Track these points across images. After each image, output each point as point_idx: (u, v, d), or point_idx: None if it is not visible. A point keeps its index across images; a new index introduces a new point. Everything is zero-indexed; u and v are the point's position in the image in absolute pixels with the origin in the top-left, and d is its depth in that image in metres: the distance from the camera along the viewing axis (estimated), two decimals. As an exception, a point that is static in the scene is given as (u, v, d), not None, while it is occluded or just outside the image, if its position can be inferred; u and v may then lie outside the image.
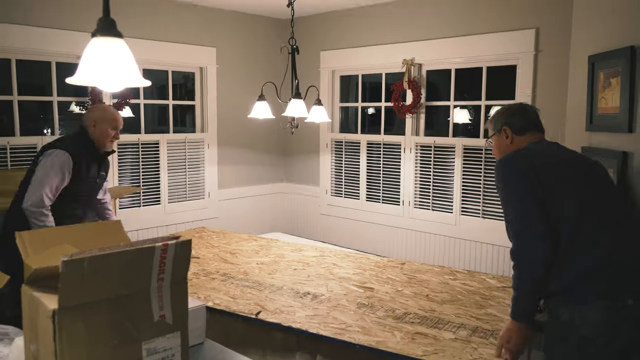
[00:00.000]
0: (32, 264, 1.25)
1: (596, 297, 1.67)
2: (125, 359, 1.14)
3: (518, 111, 2.02)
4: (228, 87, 4.93)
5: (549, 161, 1.82)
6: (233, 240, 3.68)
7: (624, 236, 1.74)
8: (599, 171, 1.86)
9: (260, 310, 2.38)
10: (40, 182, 2.56)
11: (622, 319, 1.65)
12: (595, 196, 1.78)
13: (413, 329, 2.18)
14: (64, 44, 3.77)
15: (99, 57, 1.14)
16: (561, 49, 3.47)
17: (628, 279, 1.66)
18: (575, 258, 1.71)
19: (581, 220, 1.72)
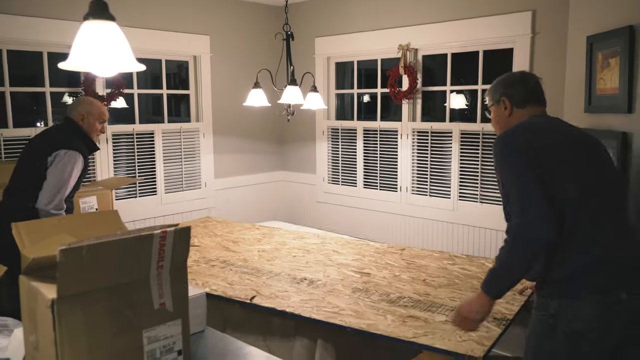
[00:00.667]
0: (29, 254, 1.24)
1: (590, 292, 1.63)
2: (125, 347, 1.13)
3: (519, 81, 1.88)
4: (222, 76, 4.89)
5: (550, 142, 1.71)
6: (236, 229, 3.70)
7: (621, 227, 1.69)
8: (601, 152, 1.78)
9: (254, 295, 2.39)
10: (62, 185, 2.61)
11: (616, 314, 1.62)
12: (596, 180, 1.70)
13: (406, 312, 2.18)
14: (55, 33, 3.72)
15: (92, 41, 1.11)
16: (558, 30, 3.45)
17: (623, 274, 1.63)
18: (569, 251, 1.65)
19: (579, 210, 1.64)
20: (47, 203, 2.58)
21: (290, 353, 2.28)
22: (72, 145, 2.67)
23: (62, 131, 2.79)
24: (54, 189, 2.60)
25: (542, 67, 3.60)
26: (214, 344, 1.58)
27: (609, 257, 1.63)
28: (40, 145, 2.74)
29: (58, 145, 2.66)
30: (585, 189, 1.66)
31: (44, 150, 2.66)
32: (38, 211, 2.59)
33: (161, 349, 1.20)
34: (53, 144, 2.67)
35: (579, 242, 1.64)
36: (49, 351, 1.07)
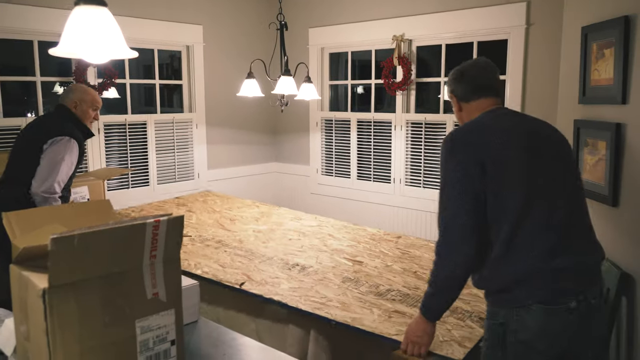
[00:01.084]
0: (19, 244, 1.22)
1: (535, 301, 1.56)
2: (118, 336, 1.12)
3: (460, 75, 1.78)
4: (215, 66, 4.85)
5: (496, 147, 1.60)
6: (235, 206, 3.72)
7: (572, 232, 1.61)
8: (558, 151, 1.68)
9: (244, 281, 2.40)
10: (53, 170, 2.61)
11: (565, 323, 1.57)
12: (546, 184, 1.61)
13: (392, 306, 2.18)
14: (46, 21, 3.67)
15: (83, 27, 1.09)
16: (553, 21, 3.44)
17: (571, 281, 1.57)
18: (513, 260, 1.59)
19: (524, 217, 1.57)
20: (38, 186, 2.59)
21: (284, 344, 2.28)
22: (66, 131, 2.68)
23: (56, 118, 2.79)
24: (45, 173, 2.60)
25: (536, 58, 3.60)
26: (208, 334, 1.57)
27: (554, 265, 1.56)
28: (34, 134, 2.73)
29: (53, 132, 2.66)
30: (531, 195, 1.58)
31: (39, 138, 2.66)
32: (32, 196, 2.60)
33: (154, 339, 1.19)
34: (48, 131, 2.67)
35: (521, 250, 1.58)
36: (40, 341, 1.05)
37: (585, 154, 2.41)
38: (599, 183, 2.28)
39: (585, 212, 1.70)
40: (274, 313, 2.32)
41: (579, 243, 1.62)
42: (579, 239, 1.63)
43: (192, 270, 2.56)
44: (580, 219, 1.66)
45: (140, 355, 1.16)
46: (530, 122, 1.72)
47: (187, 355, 1.37)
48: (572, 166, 1.72)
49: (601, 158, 2.26)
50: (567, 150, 1.72)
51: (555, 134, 1.73)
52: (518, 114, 1.79)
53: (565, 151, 1.71)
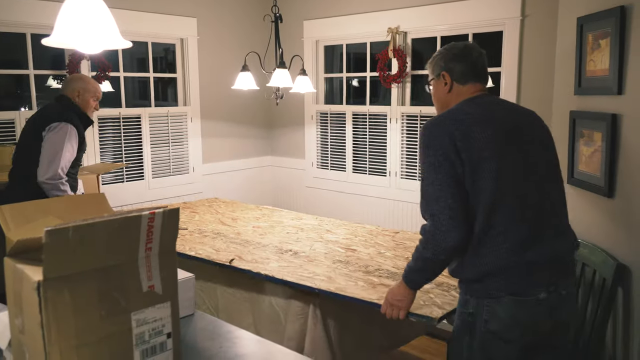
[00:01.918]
0: (14, 237, 1.21)
1: (506, 293, 1.58)
2: (114, 329, 1.11)
3: (461, 54, 1.75)
4: (210, 59, 4.82)
5: (477, 135, 1.59)
6: (239, 209, 3.75)
7: (543, 226, 1.61)
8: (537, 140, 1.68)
9: (234, 258, 2.43)
10: (55, 156, 2.64)
11: (534, 314, 1.59)
12: (521, 179, 1.60)
13: (378, 281, 2.21)
14: (39, 14, 3.64)
15: (76, 17, 1.08)
16: (548, 12, 3.43)
17: (541, 273, 1.59)
18: (486, 251, 1.59)
19: (496, 208, 1.57)
20: (43, 174, 2.62)
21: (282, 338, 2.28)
22: (64, 117, 2.72)
23: (55, 107, 2.83)
24: (47, 159, 2.64)
25: (532, 49, 3.59)
26: (204, 327, 1.57)
27: (527, 257, 1.57)
28: (35, 125, 2.77)
29: (51, 119, 2.70)
30: (507, 185, 1.58)
31: (39, 126, 2.71)
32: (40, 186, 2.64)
33: (150, 332, 1.19)
34: (47, 118, 2.72)
35: (493, 241, 1.58)
36: (35, 334, 1.05)
37: (581, 145, 2.41)
38: (594, 174, 2.29)
39: (562, 202, 1.70)
40: (272, 306, 2.33)
41: (552, 234, 1.63)
42: (553, 229, 1.64)
43: (187, 252, 2.56)
44: (555, 209, 1.67)
45: (136, 348, 1.16)
46: (511, 111, 1.72)
47: (184, 348, 1.37)
48: (551, 155, 1.72)
49: (597, 149, 2.26)
50: (548, 139, 1.72)
51: (536, 122, 1.73)
52: (501, 102, 1.77)
53: (545, 139, 1.71)
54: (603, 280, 2.14)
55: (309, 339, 2.19)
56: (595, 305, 2.19)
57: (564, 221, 1.70)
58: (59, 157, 2.65)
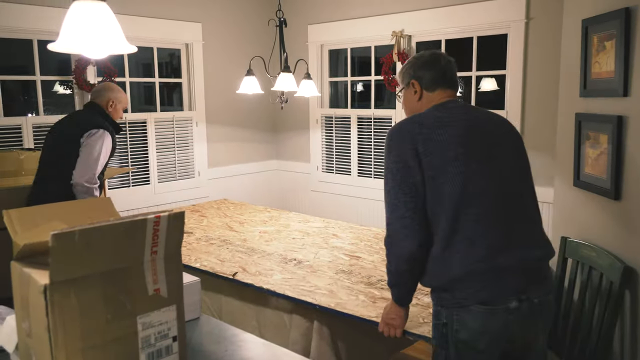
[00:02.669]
0: (20, 241, 1.22)
1: (474, 301, 1.53)
2: (120, 333, 1.12)
3: (429, 62, 1.75)
4: (215, 64, 4.84)
5: (441, 139, 1.57)
6: (247, 211, 3.77)
7: (514, 231, 1.57)
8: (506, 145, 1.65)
9: (237, 272, 2.44)
10: (93, 161, 2.76)
11: (505, 323, 1.54)
12: (491, 179, 1.57)
13: (380, 294, 2.20)
14: (46, 20, 3.67)
15: (82, 22, 1.08)
16: (553, 15, 3.43)
17: (510, 281, 1.53)
18: (453, 258, 1.55)
19: (463, 212, 1.53)
20: (81, 177, 2.73)
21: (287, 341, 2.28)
22: (102, 124, 2.84)
23: (89, 113, 2.93)
24: (85, 164, 2.76)
25: (536, 52, 3.59)
26: (209, 330, 1.57)
27: (496, 263, 1.52)
28: (70, 129, 2.87)
29: (89, 125, 2.81)
30: (474, 189, 1.54)
31: (76, 132, 2.80)
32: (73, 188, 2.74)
33: (156, 335, 1.19)
34: (84, 125, 2.82)
35: (459, 247, 1.54)
36: (42, 338, 1.05)
37: (587, 148, 2.40)
38: (601, 177, 2.28)
39: (533, 207, 1.66)
40: (277, 310, 2.33)
41: (523, 240, 1.58)
42: (524, 236, 1.59)
43: (192, 264, 2.58)
44: (526, 214, 1.62)
45: (142, 351, 1.16)
46: (481, 115, 1.70)
47: (189, 351, 1.37)
48: (522, 161, 1.69)
49: (603, 151, 2.25)
50: (519, 145, 1.70)
51: (504, 127, 1.70)
52: (471, 108, 1.77)
53: (516, 145, 1.68)
54: (610, 284, 2.12)
55: (315, 343, 2.19)
56: (602, 309, 2.17)
57: (537, 228, 1.65)
58: (96, 162, 2.78)
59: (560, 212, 2.75)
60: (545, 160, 3.55)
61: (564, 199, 2.70)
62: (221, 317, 2.51)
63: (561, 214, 2.74)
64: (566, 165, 2.62)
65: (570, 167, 2.54)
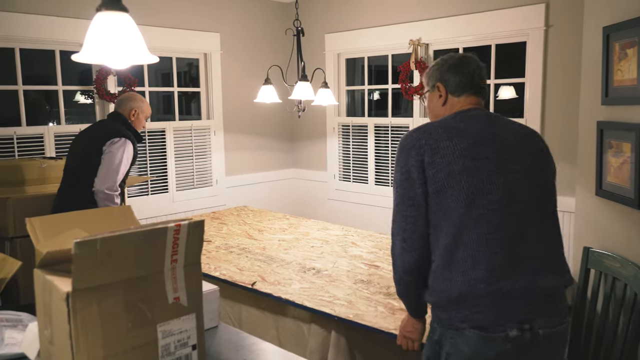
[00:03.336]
0: (43, 249, 1.23)
1: (470, 325, 1.43)
2: (140, 341, 1.12)
3: (456, 65, 1.66)
4: (233, 73, 4.88)
5: (450, 151, 1.49)
6: (266, 218, 3.78)
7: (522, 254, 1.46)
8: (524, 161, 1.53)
9: (255, 281, 2.43)
10: (114, 169, 2.82)
11: (503, 352, 1.42)
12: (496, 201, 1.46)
13: (398, 305, 2.18)
14: (68, 31, 3.74)
15: (105, 33, 1.10)
16: (573, 22, 3.40)
17: (511, 308, 1.42)
18: (452, 276, 1.46)
19: (466, 229, 1.45)
20: (102, 184, 2.79)
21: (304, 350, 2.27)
22: (124, 133, 2.90)
23: (112, 122, 3.00)
24: (107, 171, 2.81)
25: (556, 59, 3.55)
26: (228, 339, 1.57)
27: (497, 287, 1.41)
28: (93, 137, 2.93)
29: (112, 134, 2.87)
30: (479, 206, 1.45)
31: (99, 141, 2.86)
32: (95, 195, 2.80)
33: (175, 344, 1.19)
34: (106, 134, 2.88)
35: (462, 266, 1.44)
36: (64, 345, 1.06)
37: (609, 156, 2.37)
38: (623, 186, 2.24)
39: (552, 230, 1.54)
40: (295, 320, 2.32)
41: (534, 265, 1.46)
42: (536, 260, 1.47)
43: (211, 273, 2.59)
44: (543, 237, 1.50)
45: (162, 359, 1.16)
46: (498, 126, 1.58)
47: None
48: (542, 176, 1.57)
49: (626, 160, 2.22)
50: (539, 158, 1.58)
51: (527, 139, 1.59)
52: (490, 117, 1.63)
53: (535, 158, 1.56)
54: (635, 295, 2.08)
55: (332, 353, 2.17)
56: (626, 321, 2.13)
57: (554, 253, 1.52)
58: (117, 170, 2.83)
59: (582, 221, 2.71)
60: (566, 169, 3.50)
61: (586, 209, 2.66)
62: (241, 326, 2.51)
63: (583, 223, 2.70)
64: (588, 174, 2.58)
65: (593, 176, 2.50)
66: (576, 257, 2.69)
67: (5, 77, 3.67)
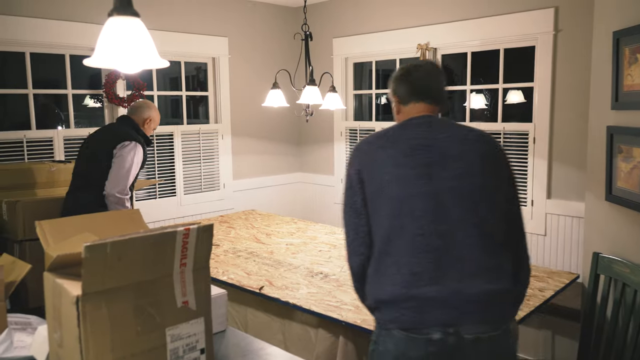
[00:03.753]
0: (52, 253, 1.24)
1: (397, 326, 1.49)
2: (149, 344, 1.12)
3: (403, 75, 1.70)
4: (241, 77, 4.89)
5: (382, 160, 1.56)
6: (274, 222, 3.79)
7: (452, 261, 1.47)
8: (466, 169, 1.52)
9: (263, 286, 2.44)
10: (125, 172, 2.84)
11: (426, 354, 1.46)
12: (427, 209, 1.49)
13: None
14: (78, 36, 3.76)
15: (117, 37, 1.11)
16: (582, 27, 3.39)
17: (434, 313, 1.45)
18: (382, 279, 1.52)
19: (395, 235, 1.50)
20: (113, 187, 2.80)
21: (311, 355, 2.26)
22: (134, 137, 2.93)
23: (122, 127, 3.02)
24: (118, 175, 2.83)
25: (565, 64, 3.54)
26: (236, 343, 1.57)
27: (422, 292, 1.45)
28: (104, 141, 2.95)
29: (122, 137, 2.90)
30: (406, 214, 1.49)
31: (109, 145, 2.89)
32: (105, 198, 2.81)
33: (184, 347, 1.19)
34: (117, 137, 2.90)
35: (390, 270, 1.50)
36: (73, 348, 1.06)
37: (619, 162, 2.35)
38: (634, 191, 2.22)
39: (493, 237, 1.52)
40: (303, 324, 2.32)
41: (462, 271, 1.47)
42: (464, 267, 1.47)
43: (219, 277, 2.59)
44: (472, 244, 1.49)
45: (171, 363, 1.16)
46: (440, 134, 1.58)
47: (216, 364, 1.37)
48: (479, 183, 1.54)
49: (636, 165, 2.20)
50: (479, 165, 1.55)
51: (471, 147, 1.57)
52: (433, 124, 1.63)
53: (472, 166, 1.54)
54: (645, 301, 2.06)
55: (340, 358, 2.17)
56: (636, 327, 2.11)
57: (488, 259, 1.50)
58: (128, 174, 2.85)
59: (592, 227, 2.69)
60: (575, 174, 3.48)
61: (595, 214, 2.64)
62: (247, 330, 2.51)
63: (593, 229, 2.68)
64: (598, 179, 2.57)
65: (602, 181, 2.49)
66: (585, 263, 2.67)
67: (15, 81, 3.70)
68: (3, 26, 3.48)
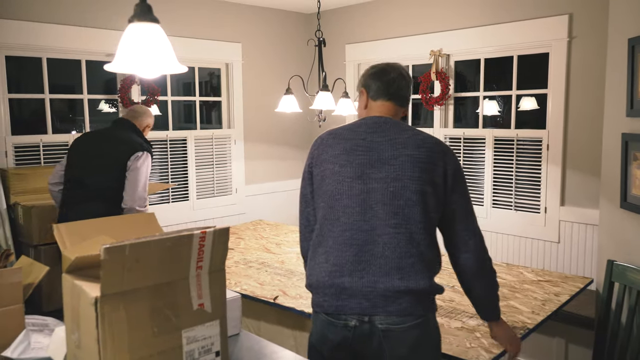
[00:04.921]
0: (70, 255, 1.26)
1: (321, 310, 1.67)
2: (165, 346, 1.14)
3: (378, 73, 1.79)
4: (254, 83, 4.93)
5: (326, 157, 1.70)
6: (283, 232, 3.79)
7: (370, 257, 1.60)
8: (395, 172, 1.62)
9: (277, 295, 2.44)
10: (144, 185, 2.84)
11: (344, 337, 1.63)
12: (353, 206, 1.63)
13: None
14: (94, 42, 3.82)
15: (137, 43, 1.13)
16: (597, 33, 3.37)
17: (350, 302, 1.61)
18: (315, 267, 1.70)
19: (327, 228, 1.67)
20: (133, 200, 2.78)
21: None
22: (145, 147, 2.92)
23: (128, 133, 2.94)
24: (136, 188, 2.80)
25: (580, 71, 3.52)
26: (250, 346, 1.58)
27: (340, 282, 1.61)
28: (115, 151, 2.83)
29: (135, 148, 2.84)
30: (337, 209, 1.66)
31: (123, 156, 2.80)
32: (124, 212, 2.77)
33: (200, 350, 1.20)
34: (130, 148, 2.83)
35: (320, 259, 1.68)
36: (91, 349, 1.08)
37: (634, 169, 2.33)
38: (649, 198, 2.20)
39: (406, 237, 1.61)
40: None
41: (378, 267, 1.60)
42: (381, 263, 1.60)
43: (232, 288, 2.60)
44: (392, 243, 1.60)
45: (186, 365, 1.17)
46: (387, 137, 1.67)
47: (231, 367, 1.38)
48: (413, 187, 1.62)
49: (651, 172, 2.19)
50: (415, 169, 1.63)
51: (409, 153, 1.65)
52: (385, 126, 1.70)
53: (408, 169, 1.62)
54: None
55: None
56: (652, 336, 2.09)
57: (403, 258, 1.60)
58: (145, 185, 2.85)
59: (606, 234, 2.67)
60: (589, 181, 3.46)
61: (610, 221, 2.62)
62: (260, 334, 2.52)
63: (607, 236, 2.66)
64: (612, 187, 2.55)
65: (617, 188, 2.47)
66: (600, 270, 2.65)
67: (32, 85, 3.76)
68: (21, 32, 3.54)
